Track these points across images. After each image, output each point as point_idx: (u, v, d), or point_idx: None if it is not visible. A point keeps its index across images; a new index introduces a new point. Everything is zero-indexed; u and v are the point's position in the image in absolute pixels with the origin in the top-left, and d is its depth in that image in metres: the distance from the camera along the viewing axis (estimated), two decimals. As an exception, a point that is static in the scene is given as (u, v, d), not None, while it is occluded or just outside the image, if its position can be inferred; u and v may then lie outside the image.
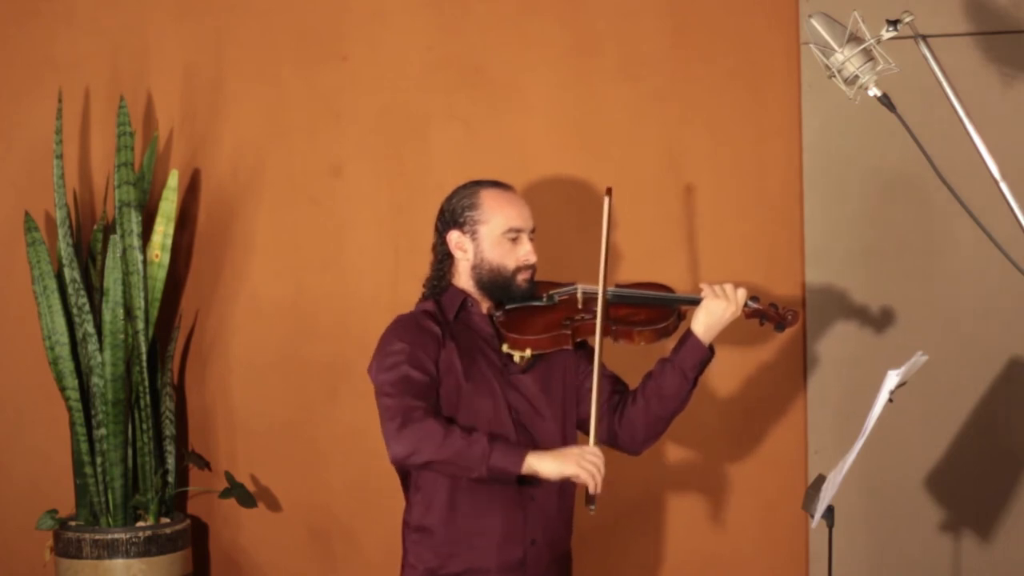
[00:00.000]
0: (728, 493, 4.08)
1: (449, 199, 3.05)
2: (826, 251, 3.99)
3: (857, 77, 2.74)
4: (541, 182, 4.04)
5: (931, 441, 3.96)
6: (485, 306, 3.03)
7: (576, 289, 3.04)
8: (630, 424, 3.08)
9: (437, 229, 3.06)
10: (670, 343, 3.05)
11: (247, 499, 4.11)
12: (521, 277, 2.99)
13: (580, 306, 3.01)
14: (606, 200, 2.98)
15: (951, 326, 3.93)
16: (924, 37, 2.74)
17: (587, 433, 3.09)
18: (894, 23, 2.67)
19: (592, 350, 3.01)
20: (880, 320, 3.96)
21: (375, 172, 4.17)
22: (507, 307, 3.00)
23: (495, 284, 2.99)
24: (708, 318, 3.00)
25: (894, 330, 3.95)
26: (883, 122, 3.11)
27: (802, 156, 4.00)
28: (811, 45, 2.76)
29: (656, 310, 3.03)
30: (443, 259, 3.04)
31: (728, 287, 3.01)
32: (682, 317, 3.05)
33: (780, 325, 3.07)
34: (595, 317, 2.94)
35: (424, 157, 4.13)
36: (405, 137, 4.15)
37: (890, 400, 2.87)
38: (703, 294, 3.02)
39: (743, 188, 4.05)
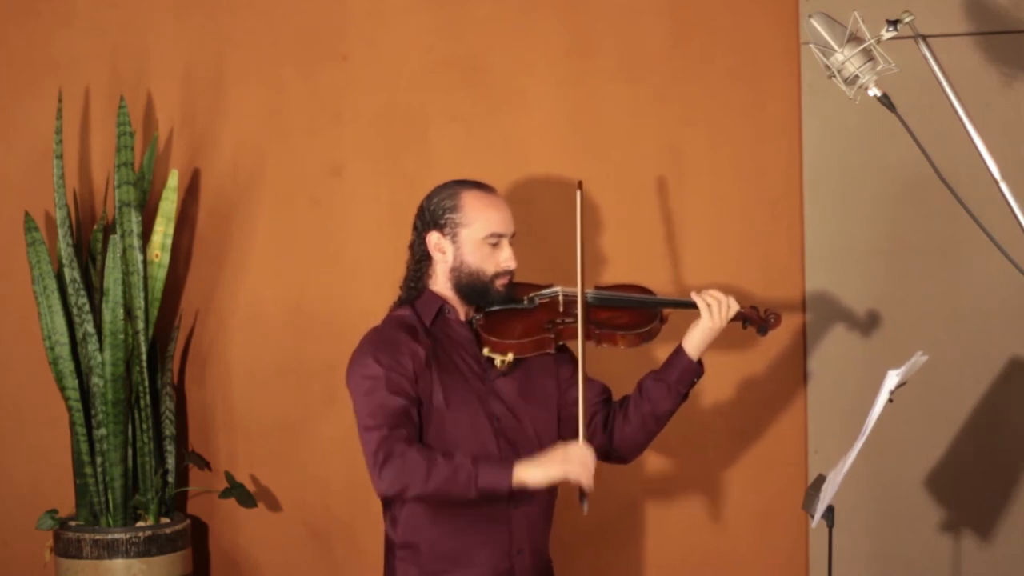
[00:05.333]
0: (728, 493, 4.08)
1: (429, 198, 3.00)
2: (826, 251, 3.99)
3: (857, 77, 2.74)
4: (541, 182, 4.04)
5: (931, 441, 3.96)
6: (463, 311, 2.99)
7: (557, 292, 3.00)
8: (627, 442, 3.07)
9: (416, 228, 3.01)
10: (651, 346, 3.03)
11: (247, 499, 4.11)
12: (499, 283, 2.95)
13: (561, 309, 2.98)
14: (578, 194, 2.94)
15: (951, 326, 3.93)
16: (924, 37, 2.74)
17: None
18: (894, 23, 2.68)
19: (574, 355, 3.00)
20: (880, 320, 3.96)
21: (375, 172, 4.17)
22: (487, 310, 2.96)
23: (472, 288, 2.95)
24: (703, 337, 2.98)
25: (894, 330, 3.95)
26: (883, 122, 3.11)
27: (802, 156, 4.00)
28: (811, 45, 2.77)
29: (638, 313, 3.00)
30: (420, 260, 3.01)
31: (722, 300, 2.96)
32: (664, 321, 3.02)
33: (763, 328, 3.06)
34: (577, 320, 2.91)
35: (424, 157, 4.13)
36: (405, 137, 4.15)
37: (890, 400, 2.88)
38: (699, 307, 2.96)
39: (743, 188, 4.05)
